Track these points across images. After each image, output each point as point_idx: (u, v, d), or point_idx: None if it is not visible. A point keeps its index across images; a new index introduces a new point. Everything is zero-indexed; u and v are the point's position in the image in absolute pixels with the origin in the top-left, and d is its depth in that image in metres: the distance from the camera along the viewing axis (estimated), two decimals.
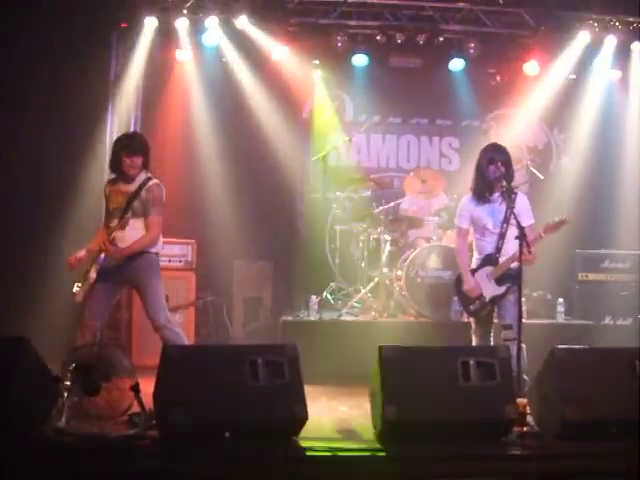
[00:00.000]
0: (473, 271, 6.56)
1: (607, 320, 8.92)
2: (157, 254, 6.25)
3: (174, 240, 8.31)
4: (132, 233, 6.11)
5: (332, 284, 8.99)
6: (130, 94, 9.27)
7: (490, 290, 6.42)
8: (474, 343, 6.56)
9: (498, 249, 6.46)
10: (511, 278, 6.29)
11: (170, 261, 8.40)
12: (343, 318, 8.43)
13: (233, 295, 9.76)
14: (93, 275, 6.01)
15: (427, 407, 5.08)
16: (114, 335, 8.41)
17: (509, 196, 6.31)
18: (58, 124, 8.41)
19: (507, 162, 6.42)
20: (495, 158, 6.39)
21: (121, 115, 9.16)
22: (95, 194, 7.85)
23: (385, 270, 8.81)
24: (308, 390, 5.54)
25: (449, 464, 4.95)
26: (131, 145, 6.25)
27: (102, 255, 6.04)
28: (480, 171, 6.48)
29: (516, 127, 10.41)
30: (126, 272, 6.10)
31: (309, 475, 4.85)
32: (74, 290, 6.00)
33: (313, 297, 8.37)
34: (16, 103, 8.36)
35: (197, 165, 9.74)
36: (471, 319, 6.68)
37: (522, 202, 6.49)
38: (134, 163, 6.13)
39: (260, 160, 9.91)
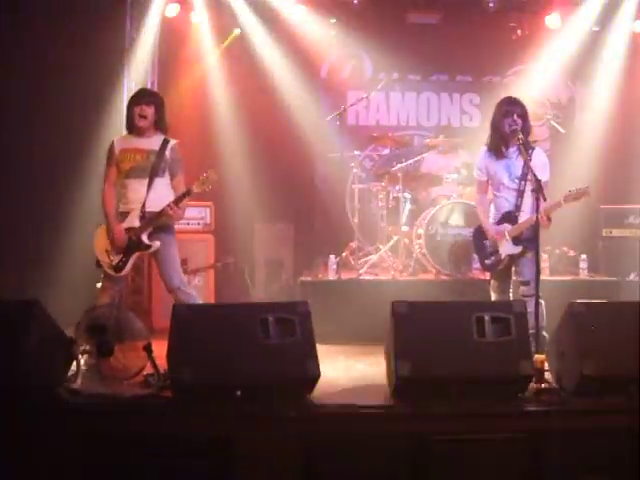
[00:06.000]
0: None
1: (632, 276, 8.76)
2: None
3: (192, 202, 8.19)
4: (158, 194, 6.09)
5: (352, 244, 8.93)
6: (146, 59, 9.22)
7: (507, 248, 6.34)
8: (493, 299, 6.51)
9: (517, 207, 6.35)
10: (528, 240, 6.18)
11: (188, 224, 8.37)
12: (362, 277, 8.37)
13: (254, 257, 9.77)
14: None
15: (441, 363, 5.01)
16: (135, 299, 8.44)
17: (526, 149, 6.19)
18: (74, 92, 8.35)
19: (523, 115, 6.28)
20: (510, 111, 6.26)
21: (138, 79, 9.11)
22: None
23: (405, 228, 8.75)
24: (326, 349, 5.52)
25: (464, 420, 4.92)
26: (140, 96, 6.28)
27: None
28: (495, 125, 6.36)
29: (538, 82, 10.19)
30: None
31: (322, 433, 4.83)
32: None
33: (332, 257, 8.32)
34: (32, 71, 8.33)
35: (214, 127, 9.70)
36: (489, 274, 6.64)
37: (539, 157, 6.34)
38: (144, 112, 6.10)
39: (278, 121, 9.82)
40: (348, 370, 6.28)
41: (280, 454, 4.69)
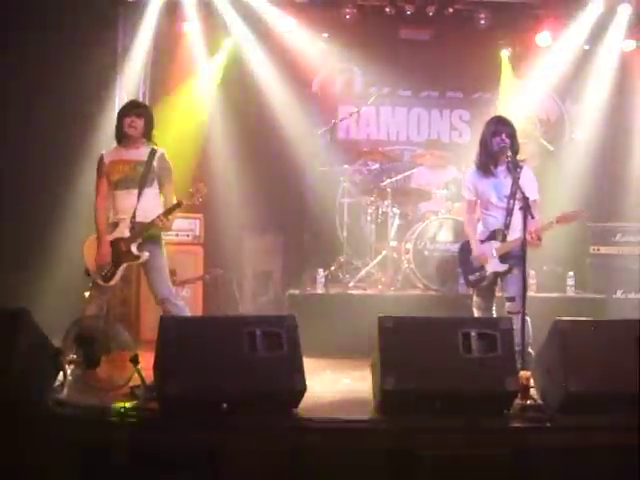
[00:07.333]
0: (480, 242, 6.52)
1: (619, 294, 8.80)
2: None
3: (181, 214, 8.17)
4: (148, 204, 6.11)
5: (340, 258, 8.94)
6: (138, 69, 9.26)
7: (492, 265, 6.38)
8: (475, 316, 6.53)
9: (507, 225, 6.38)
10: (516, 257, 6.20)
11: (177, 235, 8.36)
12: (350, 291, 8.39)
13: (243, 269, 9.75)
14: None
15: (426, 378, 5.02)
16: (123, 310, 8.42)
17: (514, 168, 6.22)
18: (66, 101, 8.38)
19: (512, 134, 6.32)
20: (499, 130, 6.30)
21: (129, 90, 9.13)
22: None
23: (393, 243, 8.77)
24: (313, 363, 5.53)
25: (449, 436, 4.92)
26: (130, 107, 6.31)
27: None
28: (484, 143, 6.39)
29: (528, 99, 10.27)
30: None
31: (308, 446, 4.83)
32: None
33: (320, 270, 8.35)
34: (22, 80, 8.34)
35: (204, 138, 9.70)
36: (472, 291, 6.66)
37: (527, 176, 6.37)
38: (134, 123, 6.13)
39: (269, 133, 9.84)
40: (334, 384, 6.29)
41: (265, 467, 4.69)
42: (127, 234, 6.06)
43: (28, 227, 8.20)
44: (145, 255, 6.06)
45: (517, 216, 6.23)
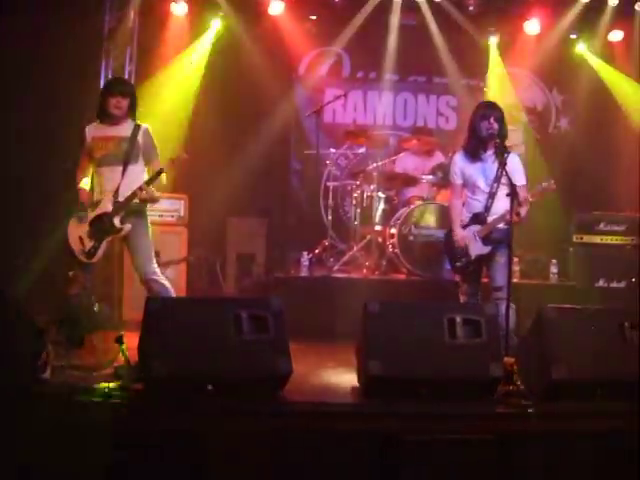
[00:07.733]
0: (462, 227, 6.53)
1: (601, 282, 8.85)
2: None
3: (166, 194, 8.19)
4: (132, 180, 6.04)
5: (325, 241, 8.94)
6: (124, 49, 9.18)
7: (476, 249, 6.39)
8: (461, 302, 6.55)
9: (487, 208, 6.40)
10: (498, 240, 6.25)
11: (161, 216, 8.30)
12: (334, 275, 8.40)
13: (226, 251, 9.75)
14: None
15: (411, 363, 5.02)
16: (106, 290, 8.37)
17: (501, 154, 6.23)
18: (51, 80, 8.31)
19: (500, 119, 6.33)
20: (487, 114, 6.31)
21: (115, 70, 9.06)
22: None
23: (378, 228, 8.78)
24: (297, 346, 5.51)
25: (433, 421, 4.93)
26: (116, 86, 6.26)
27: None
28: (473, 128, 6.40)
29: (515, 87, 10.29)
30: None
31: (292, 430, 4.83)
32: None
33: (304, 254, 8.35)
34: (8, 59, 8.26)
35: (190, 120, 9.64)
36: (458, 277, 6.67)
37: (514, 162, 6.37)
38: (119, 103, 6.07)
39: (255, 115, 9.86)
40: (319, 367, 6.27)
41: (250, 449, 4.69)
42: (110, 208, 6.02)
43: (11, 207, 8.13)
44: (127, 227, 6.01)
45: (499, 200, 6.28)
